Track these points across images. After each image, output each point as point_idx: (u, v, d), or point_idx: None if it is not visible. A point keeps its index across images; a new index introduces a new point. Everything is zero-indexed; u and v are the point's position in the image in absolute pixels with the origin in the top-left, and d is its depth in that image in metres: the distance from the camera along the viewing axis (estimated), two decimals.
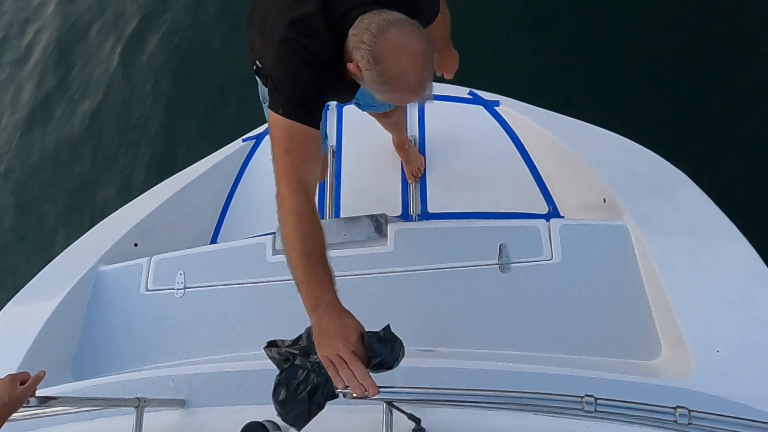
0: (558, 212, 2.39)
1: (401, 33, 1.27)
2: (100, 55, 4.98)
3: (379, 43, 1.27)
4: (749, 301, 1.62)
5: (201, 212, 2.70)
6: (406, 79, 1.29)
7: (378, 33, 1.27)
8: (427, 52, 1.29)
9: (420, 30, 1.30)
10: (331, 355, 1.14)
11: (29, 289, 2.39)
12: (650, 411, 1.03)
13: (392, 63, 1.27)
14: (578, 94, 3.37)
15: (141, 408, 1.44)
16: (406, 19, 1.30)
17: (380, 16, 1.29)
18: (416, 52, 1.27)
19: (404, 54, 1.27)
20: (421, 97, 1.36)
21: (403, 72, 1.28)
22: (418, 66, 1.28)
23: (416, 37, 1.28)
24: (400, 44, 1.27)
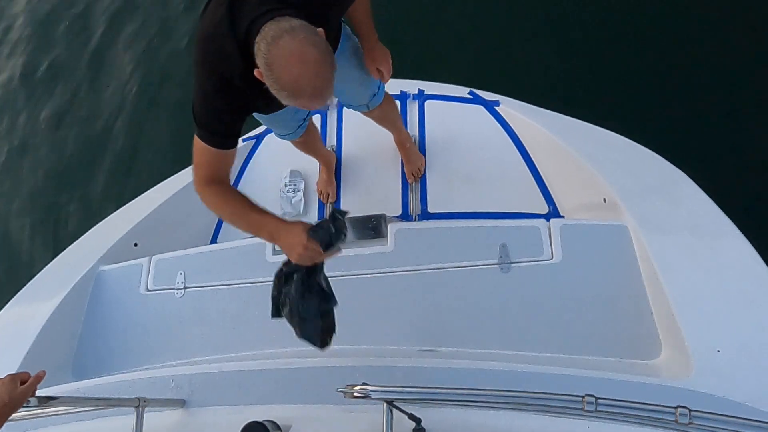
0: (558, 212, 2.39)
1: (294, 41, 1.30)
2: (99, 53, 4.98)
3: (273, 51, 1.30)
4: (749, 301, 1.62)
5: (201, 212, 2.68)
6: (300, 85, 1.32)
7: (272, 41, 1.30)
8: (321, 59, 1.32)
9: (316, 38, 1.33)
10: (305, 260, 1.48)
11: (29, 289, 2.40)
12: (651, 411, 1.03)
13: (285, 70, 1.30)
14: (578, 94, 3.37)
15: (141, 408, 1.44)
16: (302, 27, 1.32)
17: (278, 24, 1.32)
18: (308, 60, 1.30)
19: (296, 61, 1.29)
20: (321, 104, 1.39)
21: (296, 79, 1.31)
22: (310, 73, 1.30)
23: (310, 45, 1.30)
24: (292, 51, 1.29)
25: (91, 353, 2.20)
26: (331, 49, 1.37)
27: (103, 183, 4.32)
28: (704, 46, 3.34)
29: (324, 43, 1.35)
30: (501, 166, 2.53)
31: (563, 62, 3.53)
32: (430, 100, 2.74)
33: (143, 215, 2.52)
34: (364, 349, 1.92)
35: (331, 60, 1.35)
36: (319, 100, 1.38)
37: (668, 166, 2.11)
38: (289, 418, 1.45)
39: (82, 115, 4.77)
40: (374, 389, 1.19)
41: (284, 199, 2.68)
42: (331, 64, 1.35)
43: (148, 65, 4.71)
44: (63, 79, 5.02)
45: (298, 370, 1.59)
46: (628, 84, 3.37)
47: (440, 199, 2.55)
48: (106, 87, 4.81)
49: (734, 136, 3.13)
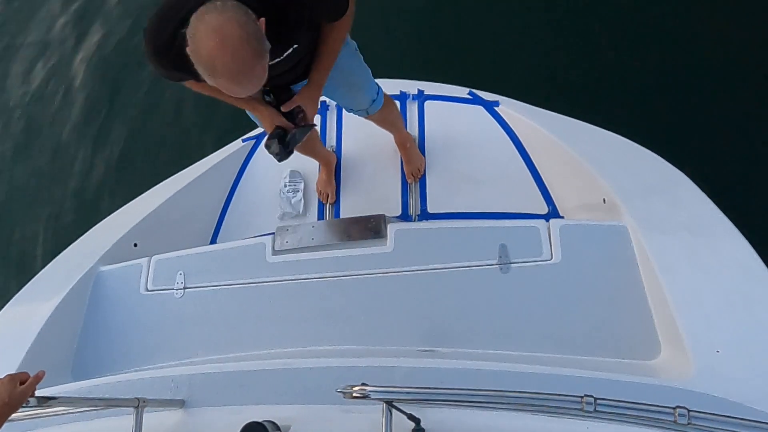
0: (558, 212, 2.39)
1: (220, 17, 1.26)
2: (97, 51, 4.98)
3: (196, 24, 1.28)
4: (749, 301, 1.62)
5: (201, 212, 2.71)
6: (214, 63, 1.28)
7: (199, 15, 1.28)
8: (242, 40, 1.27)
9: (245, 20, 1.28)
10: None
11: (29, 289, 2.40)
12: (650, 411, 1.03)
13: (202, 43, 1.27)
14: (578, 94, 3.37)
15: (141, 408, 1.44)
16: (235, 7, 1.28)
17: (213, 3, 1.29)
18: (227, 37, 1.26)
19: (215, 37, 1.26)
20: (243, 91, 1.36)
21: (210, 55, 1.27)
22: (226, 51, 1.26)
23: (234, 24, 1.26)
24: (214, 27, 1.26)
25: (90, 353, 2.20)
26: (262, 38, 1.32)
27: (104, 182, 4.32)
28: (704, 46, 3.34)
29: (255, 29, 1.30)
30: (501, 167, 2.53)
31: (563, 62, 3.54)
32: (430, 101, 2.74)
33: (143, 215, 2.52)
34: (363, 349, 1.92)
35: (256, 47, 1.30)
36: (238, 84, 1.33)
37: (668, 166, 2.10)
38: (289, 418, 1.45)
39: (82, 114, 4.78)
40: (374, 389, 1.19)
41: (284, 200, 2.69)
42: (255, 51, 1.30)
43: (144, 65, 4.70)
44: (62, 78, 5.03)
45: (297, 371, 1.59)
46: (628, 84, 3.37)
47: (440, 199, 2.55)
48: (106, 87, 4.82)
49: (734, 137, 3.13)
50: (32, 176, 4.75)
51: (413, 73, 2.96)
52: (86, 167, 4.56)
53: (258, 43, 1.31)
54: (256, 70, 1.33)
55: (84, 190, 4.47)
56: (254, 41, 1.30)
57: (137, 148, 4.45)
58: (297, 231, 2.22)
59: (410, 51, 3.83)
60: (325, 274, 2.05)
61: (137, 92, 4.65)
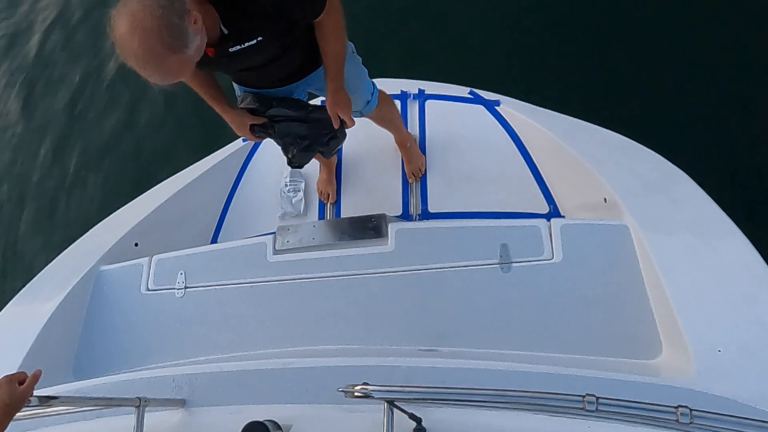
0: (559, 212, 2.39)
1: (138, 4, 1.31)
2: (98, 50, 4.99)
3: (119, 7, 1.33)
4: (750, 300, 1.62)
5: (201, 212, 2.71)
6: (123, 45, 1.33)
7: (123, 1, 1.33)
8: (151, 30, 1.30)
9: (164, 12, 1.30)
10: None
11: (30, 289, 2.39)
12: (652, 410, 1.03)
13: (116, 25, 1.32)
14: (579, 93, 3.37)
15: (142, 408, 1.44)
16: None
17: None
18: (137, 24, 1.30)
19: (126, 21, 1.30)
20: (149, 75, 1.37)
21: (121, 38, 1.32)
22: (134, 38, 1.30)
23: (147, 14, 1.30)
24: (129, 12, 1.31)
25: (91, 353, 2.20)
26: (181, 32, 1.34)
27: (141, 179, 4.29)
28: (705, 46, 3.34)
29: (172, 22, 1.32)
30: (501, 166, 2.53)
31: (564, 62, 3.53)
32: (431, 100, 2.74)
33: (143, 215, 2.52)
34: (364, 348, 1.92)
35: (169, 40, 1.32)
36: (146, 73, 1.36)
37: (669, 165, 2.10)
38: (290, 417, 1.45)
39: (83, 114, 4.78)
40: (375, 389, 1.19)
41: (285, 199, 2.69)
42: (165, 43, 1.32)
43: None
44: (61, 77, 5.03)
45: (298, 370, 1.58)
46: (629, 83, 3.37)
47: (441, 198, 2.55)
48: (106, 86, 4.82)
49: (735, 136, 3.12)
50: (32, 175, 4.75)
51: (414, 72, 2.96)
52: (87, 166, 4.57)
53: (171, 36, 1.33)
54: (166, 63, 1.35)
55: (84, 190, 4.48)
56: (166, 34, 1.32)
57: (138, 148, 4.45)
58: (298, 230, 2.22)
59: (411, 50, 3.83)
60: (326, 274, 2.05)
61: (137, 88, 4.65)
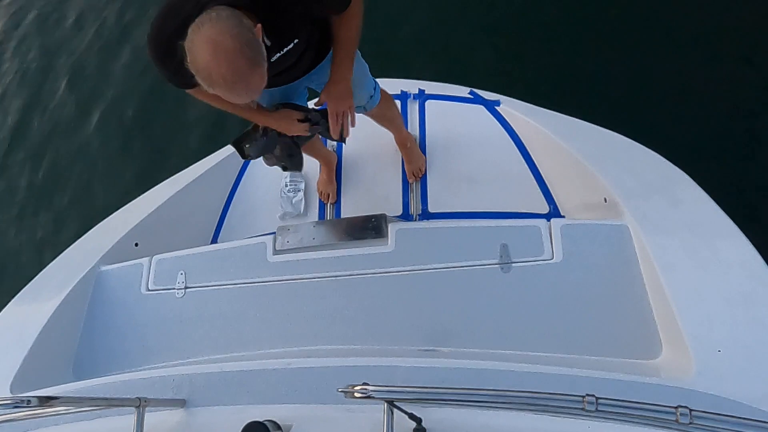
0: (559, 212, 2.39)
1: (213, 28, 1.31)
2: (98, 51, 4.99)
3: (193, 36, 1.33)
4: (750, 301, 1.62)
5: (202, 212, 2.71)
6: (210, 73, 1.33)
7: (196, 27, 1.33)
8: (235, 51, 1.31)
9: (239, 30, 1.33)
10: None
11: (30, 289, 2.39)
12: (652, 410, 1.03)
13: (198, 55, 1.33)
14: (579, 93, 3.37)
15: (142, 408, 1.43)
16: (228, 17, 1.33)
17: (208, 13, 1.34)
18: (219, 48, 1.31)
19: (208, 48, 1.31)
20: (241, 98, 1.40)
21: (206, 66, 1.33)
22: (220, 61, 1.31)
23: (227, 35, 1.31)
24: (209, 38, 1.31)
25: (91, 353, 2.20)
26: (258, 46, 1.36)
27: (141, 179, 4.29)
28: (705, 46, 3.34)
29: (249, 38, 1.34)
30: (501, 166, 2.53)
31: (564, 62, 3.54)
32: (431, 100, 2.74)
33: (144, 215, 2.52)
34: (364, 348, 1.92)
35: (251, 56, 1.34)
36: (235, 93, 1.38)
37: (669, 165, 2.10)
38: (290, 417, 1.44)
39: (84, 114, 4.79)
40: (375, 389, 1.19)
41: (285, 199, 2.69)
42: (249, 60, 1.34)
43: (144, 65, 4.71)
44: (64, 77, 5.03)
45: (298, 370, 1.58)
46: (629, 83, 3.37)
47: (441, 198, 2.55)
48: (107, 87, 4.82)
49: (735, 136, 3.13)
50: (33, 176, 4.75)
51: (414, 72, 2.96)
52: (87, 166, 4.57)
53: (252, 51, 1.35)
54: (252, 79, 1.37)
55: (84, 189, 4.48)
56: (248, 50, 1.34)
57: (138, 148, 4.45)
58: (298, 231, 2.22)
59: (410, 50, 3.83)
60: (326, 274, 2.05)
61: (138, 92, 4.65)
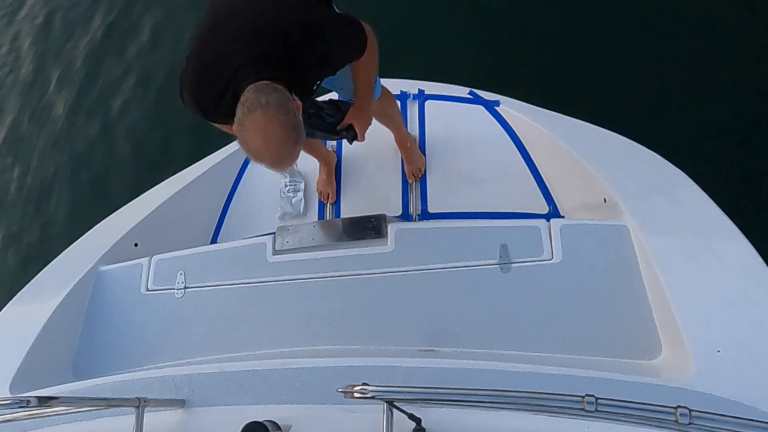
0: (558, 212, 2.39)
1: (264, 117, 1.46)
2: (99, 51, 4.99)
3: (245, 120, 1.47)
4: (750, 301, 1.62)
5: (201, 212, 2.71)
6: (260, 155, 1.51)
7: (247, 111, 1.47)
8: (284, 138, 1.48)
9: (286, 117, 1.47)
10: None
11: (30, 289, 2.39)
12: (651, 411, 1.03)
13: (251, 139, 1.48)
14: (579, 93, 3.37)
15: (141, 408, 1.43)
16: (276, 104, 1.47)
17: (257, 96, 1.48)
18: (270, 137, 1.46)
19: (261, 136, 1.47)
20: (283, 170, 1.62)
21: (258, 150, 1.49)
22: (271, 147, 1.48)
23: (277, 124, 1.46)
24: (259, 126, 1.46)
25: (91, 353, 2.20)
26: (298, 125, 1.51)
27: (142, 178, 4.28)
28: (706, 46, 3.34)
29: (294, 121, 1.50)
30: (501, 166, 2.53)
31: (564, 62, 3.54)
32: (431, 100, 2.74)
33: (143, 215, 2.52)
34: (364, 349, 1.92)
35: (295, 137, 1.50)
36: (279, 168, 1.59)
37: (668, 166, 2.10)
38: (289, 418, 1.45)
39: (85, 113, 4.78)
40: (374, 389, 1.19)
41: (284, 199, 2.69)
42: (294, 141, 1.50)
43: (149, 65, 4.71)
44: (63, 76, 5.03)
45: (298, 370, 1.58)
46: (629, 84, 3.37)
47: (440, 199, 2.55)
48: (108, 87, 4.82)
49: (735, 136, 3.13)
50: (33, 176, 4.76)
51: (414, 72, 2.96)
52: (86, 166, 4.57)
53: (297, 133, 1.51)
54: (295, 155, 1.55)
55: (84, 189, 4.48)
56: (294, 134, 1.50)
57: (139, 148, 4.45)
58: (297, 231, 2.22)
59: (410, 50, 3.83)
60: (326, 274, 2.05)
61: (139, 92, 4.65)
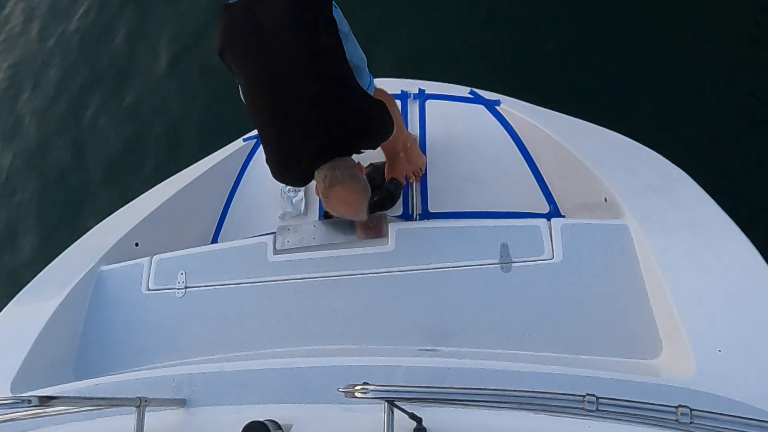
0: (559, 211, 2.39)
1: (344, 189, 1.78)
2: (110, 50, 4.99)
3: (329, 193, 1.80)
4: (750, 300, 1.62)
5: (202, 212, 2.71)
6: (345, 216, 1.91)
7: (329, 185, 1.78)
8: (360, 200, 1.83)
9: (358, 186, 1.81)
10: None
11: (31, 289, 2.40)
12: (652, 410, 1.03)
13: (336, 207, 1.84)
14: (579, 93, 3.37)
15: (142, 407, 1.44)
16: (350, 178, 1.78)
17: (333, 173, 1.77)
18: (351, 204, 1.82)
19: (344, 205, 1.83)
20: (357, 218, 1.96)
21: (344, 214, 1.89)
22: (352, 210, 1.86)
23: (353, 192, 1.80)
24: (341, 198, 1.80)
25: (91, 353, 2.20)
26: (367, 186, 1.85)
27: (142, 178, 4.28)
28: (706, 46, 3.34)
29: (363, 185, 1.83)
30: (502, 166, 2.53)
31: (564, 61, 3.54)
32: (431, 100, 2.73)
33: (144, 215, 2.52)
34: (364, 348, 1.92)
35: (366, 196, 1.84)
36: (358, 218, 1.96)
37: (669, 165, 2.10)
38: (290, 417, 1.45)
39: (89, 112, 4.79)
40: (375, 389, 1.19)
41: (285, 199, 2.69)
42: (366, 200, 1.85)
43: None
44: (62, 76, 5.04)
45: (298, 370, 1.59)
46: (629, 83, 3.37)
47: (441, 198, 2.55)
48: (109, 85, 4.82)
49: (735, 136, 3.13)
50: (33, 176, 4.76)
51: (414, 72, 2.96)
52: (89, 166, 4.57)
53: (367, 193, 1.85)
54: (366, 207, 1.88)
55: (81, 190, 4.48)
56: (365, 194, 1.84)
57: (138, 148, 4.45)
58: (298, 230, 2.22)
59: (411, 50, 3.83)
60: (327, 274, 2.06)
61: (142, 91, 4.66)
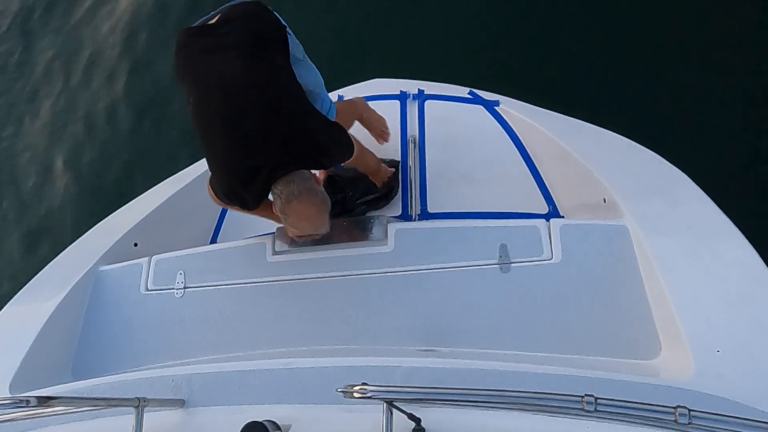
0: (558, 212, 2.39)
1: (300, 204, 1.80)
2: (112, 45, 4.99)
3: (287, 209, 1.81)
4: (749, 301, 1.62)
5: (201, 212, 2.71)
6: (302, 230, 1.89)
7: (286, 201, 1.80)
8: (319, 213, 1.84)
9: (315, 199, 1.82)
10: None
11: (29, 289, 2.40)
12: (650, 411, 1.03)
13: (295, 223, 1.85)
14: (579, 93, 3.37)
15: (141, 408, 1.43)
16: (307, 192, 1.79)
17: (288, 188, 1.78)
18: (309, 218, 1.84)
19: (302, 219, 1.84)
20: (318, 232, 1.92)
21: (303, 228, 1.88)
22: (312, 224, 1.86)
23: (311, 206, 1.82)
24: (300, 213, 1.82)
25: (91, 353, 2.20)
26: (325, 198, 1.86)
27: (143, 178, 4.27)
28: (705, 46, 3.34)
29: (320, 198, 1.84)
30: (501, 166, 2.53)
31: (564, 62, 3.54)
32: (430, 100, 2.73)
33: (143, 215, 2.52)
34: (363, 348, 1.92)
35: (325, 208, 1.85)
36: (319, 232, 1.93)
37: (668, 166, 2.11)
38: (289, 417, 1.45)
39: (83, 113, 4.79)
40: (374, 389, 1.19)
41: None
42: (326, 211, 1.86)
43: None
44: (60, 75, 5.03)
45: (297, 370, 1.59)
46: (629, 84, 3.37)
47: (440, 199, 2.55)
48: (108, 87, 4.82)
49: (735, 136, 3.13)
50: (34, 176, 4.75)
51: (413, 72, 2.96)
52: (88, 165, 4.57)
53: (326, 204, 1.86)
54: (327, 219, 1.89)
55: (81, 190, 4.48)
56: (324, 206, 1.85)
57: (138, 148, 4.45)
58: None
59: (410, 50, 3.83)
60: (326, 274, 2.06)
61: (138, 93, 4.66)
